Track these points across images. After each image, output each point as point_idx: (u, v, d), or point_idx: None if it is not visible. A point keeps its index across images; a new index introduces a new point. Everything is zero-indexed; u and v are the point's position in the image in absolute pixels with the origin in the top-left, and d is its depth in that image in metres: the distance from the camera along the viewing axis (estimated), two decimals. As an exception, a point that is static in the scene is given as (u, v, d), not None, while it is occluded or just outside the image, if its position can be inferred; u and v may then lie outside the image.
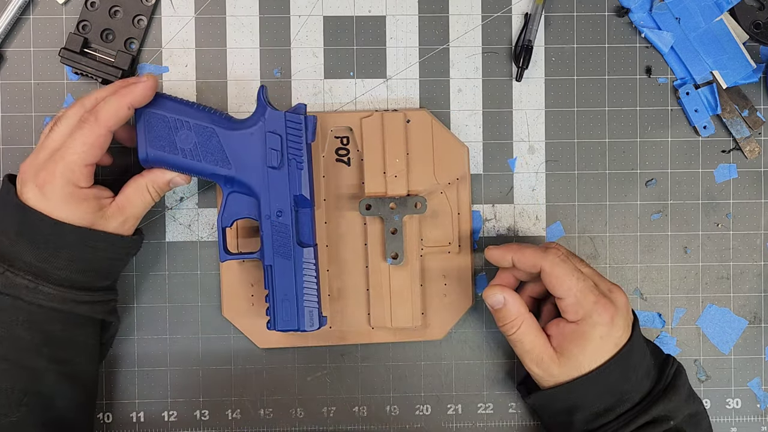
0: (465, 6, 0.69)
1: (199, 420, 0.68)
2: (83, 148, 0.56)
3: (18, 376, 0.56)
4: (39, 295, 0.56)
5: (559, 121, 0.69)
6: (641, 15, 0.68)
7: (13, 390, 0.56)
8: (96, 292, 0.59)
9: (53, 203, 0.56)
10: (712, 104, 0.69)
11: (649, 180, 0.70)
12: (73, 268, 0.57)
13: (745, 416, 0.70)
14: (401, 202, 0.65)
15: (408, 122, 0.66)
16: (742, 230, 0.70)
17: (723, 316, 0.70)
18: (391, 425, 0.69)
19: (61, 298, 0.57)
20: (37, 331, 0.57)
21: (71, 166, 0.56)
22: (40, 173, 0.57)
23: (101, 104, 0.57)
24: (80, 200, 0.57)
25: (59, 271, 0.57)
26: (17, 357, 0.56)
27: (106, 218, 0.58)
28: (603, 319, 0.59)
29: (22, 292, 0.56)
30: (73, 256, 0.57)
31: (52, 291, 0.56)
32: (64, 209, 0.56)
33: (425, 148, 0.66)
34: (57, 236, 0.56)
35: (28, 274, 0.56)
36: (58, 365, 0.58)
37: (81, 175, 0.57)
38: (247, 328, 0.67)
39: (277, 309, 0.61)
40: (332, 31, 0.68)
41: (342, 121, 0.66)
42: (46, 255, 0.56)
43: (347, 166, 0.67)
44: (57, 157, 0.56)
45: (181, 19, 0.68)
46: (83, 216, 0.57)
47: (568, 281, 0.59)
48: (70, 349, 0.59)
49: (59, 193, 0.56)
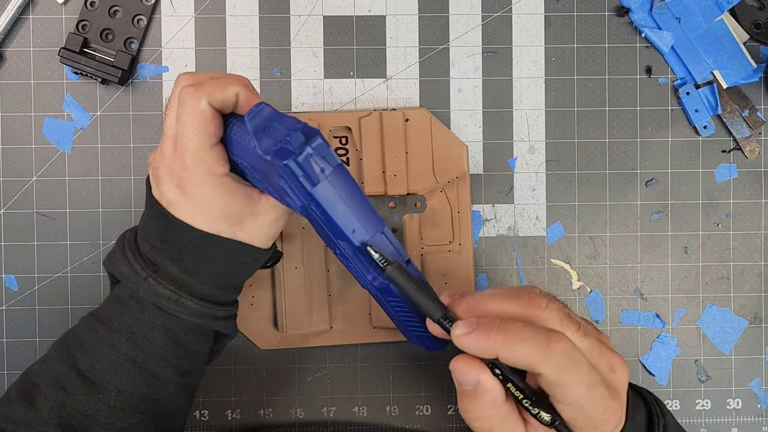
0: (465, 6, 0.68)
1: (199, 420, 0.68)
2: (194, 130, 0.49)
3: (142, 381, 0.52)
4: (180, 307, 0.52)
5: (559, 121, 0.69)
6: (641, 15, 0.68)
7: (133, 395, 0.52)
8: (228, 307, 0.55)
9: (197, 201, 0.50)
10: (713, 104, 0.69)
11: (649, 180, 0.69)
12: (216, 284, 0.53)
13: (746, 416, 0.70)
14: (401, 201, 0.65)
15: (407, 121, 0.66)
16: (742, 230, 0.70)
17: (723, 316, 0.70)
18: (391, 425, 0.69)
19: (201, 312, 0.52)
20: (172, 340, 0.52)
21: (197, 152, 0.49)
22: (174, 169, 0.50)
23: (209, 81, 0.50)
24: (227, 191, 0.50)
25: (202, 286, 0.52)
26: (146, 361, 0.52)
27: (256, 215, 0.51)
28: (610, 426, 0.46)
29: (163, 302, 0.51)
30: (217, 271, 0.52)
31: (194, 305, 0.52)
32: (213, 205, 0.50)
33: (424, 147, 0.66)
34: (203, 249, 0.51)
35: (171, 284, 0.51)
36: (180, 376, 0.54)
37: (213, 161, 0.49)
38: (248, 329, 0.67)
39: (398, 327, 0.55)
40: (332, 30, 0.68)
41: (341, 120, 0.66)
42: (190, 267, 0.52)
43: (347, 165, 0.67)
44: (179, 148, 0.49)
45: (180, 18, 0.68)
46: (235, 211, 0.51)
47: (576, 391, 0.44)
48: (194, 361, 0.55)
49: (202, 188, 0.50)
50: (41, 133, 0.67)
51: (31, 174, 0.67)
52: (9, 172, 0.67)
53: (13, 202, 0.67)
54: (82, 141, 0.67)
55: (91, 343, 0.52)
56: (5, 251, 0.67)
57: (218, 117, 0.50)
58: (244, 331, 0.67)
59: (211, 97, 0.49)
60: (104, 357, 0.52)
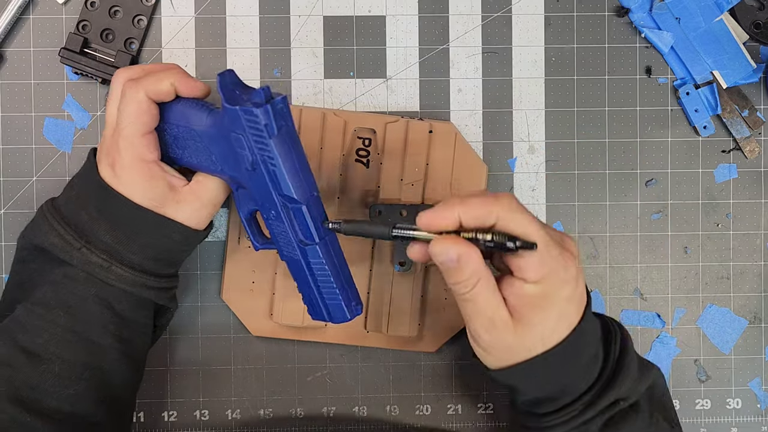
0: (465, 6, 0.69)
1: (199, 420, 0.68)
2: (130, 118, 0.55)
3: (83, 349, 0.56)
4: (111, 275, 0.56)
5: (559, 121, 0.69)
6: (641, 15, 0.68)
7: (76, 363, 0.56)
8: (162, 278, 0.59)
9: (124, 181, 0.56)
10: (712, 104, 0.69)
11: (649, 180, 0.70)
12: (146, 255, 0.57)
13: (746, 416, 0.70)
14: (412, 210, 0.65)
15: (430, 132, 0.66)
16: (742, 230, 0.70)
17: (723, 316, 0.70)
18: (391, 425, 0.69)
19: (132, 280, 0.57)
20: (106, 308, 0.57)
21: (130, 138, 0.55)
22: (110, 151, 0.56)
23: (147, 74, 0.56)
24: (150, 177, 0.56)
25: (132, 255, 0.57)
26: (85, 330, 0.56)
27: (179, 202, 0.57)
28: (569, 274, 0.51)
29: (95, 270, 0.56)
30: (147, 242, 0.57)
31: (124, 273, 0.56)
32: (137, 187, 0.56)
33: (445, 161, 0.66)
34: (136, 220, 0.56)
35: (103, 253, 0.56)
36: (121, 344, 0.58)
37: (142, 147, 0.55)
38: (243, 313, 0.67)
39: (306, 302, 0.59)
40: (332, 31, 0.68)
41: (367, 122, 0.66)
42: (122, 237, 0.56)
43: (365, 167, 0.67)
44: (116, 134, 0.56)
45: (181, 19, 0.68)
46: (155, 195, 0.56)
47: (530, 228, 0.50)
48: (132, 329, 0.59)
49: (129, 171, 0.55)
50: (41, 133, 0.67)
51: (31, 174, 0.67)
52: (9, 172, 0.67)
53: (13, 202, 0.67)
54: (82, 141, 0.67)
55: (31, 323, 0.56)
56: (5, 251, 0.67)
57: (154, 108, 0.56)
58: (238, 314, 0.67)
59: (148, 89, 0.55)
60: (45, 332, 0.56)
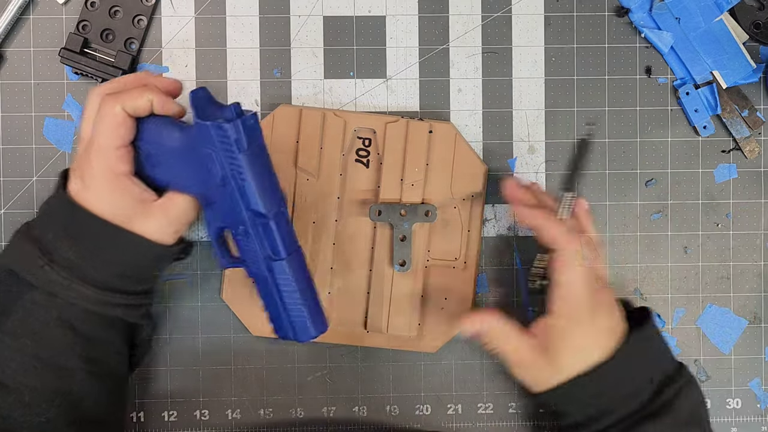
0: (465, 6, 0.69)
1: (199, 420, 0.68)
2: (106, 130, 0.55)
3: (52, 375, 0.56)
4: (72, 293, 0.55)
5: (559, 121, 0.69)
6: (641, 15, 0.68)
7: (45, 390, 0.55)
8: (130, 296, 0.58)
9: (93, 192, 0.55)
10: (712, 104, 0.69)
11: (649, 180, 0.70)
12: (110, 271, 0.56)
13: (746, 416, 0.70)
14: (411, 209, 0.65)
15: (430, 132, 0.66)
16: (742, 230, 0.70)
17: (723, 316, 0.70)
18: (391, 425, 0.69)
19: (95, 299, 0.56)
20: (69, 329, 0.56)
21: (103, 151, 0.55)
22: (81, 163, 0.56)
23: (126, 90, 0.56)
24: (120, 190, 0.56)
25: (96, 272, 0.56)
26: (50, 356, 0.55)
27: (147, 216, 0.56)
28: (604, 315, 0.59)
29: (56, 289, 0.55)
30: (111, 258, 0.56)
31: (86, 290, 0.55)
32: (105, 198, 0.55)
33: (445, 161, 0.66)
34: (99, 235, 0.55)
35: (63, 270, 0.55)
36: (89, 365, 0.57)
37: (115, 159, 0.55)
38: (243, 313, 0.67)
39: (271, 319, 0.60)
40: (332, 31, 0.68)
41: (367, 122, 0.66)
42: (84, 253, 0.55)
43: (365, 168, 0.67)
44: (89, 146, 0.56)
45: (181, 19, 0.68)
46: (123, 207, 0.56)
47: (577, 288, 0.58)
48: (101, 349, 0.58)
49: (98, 181, 0.55)
50: (41, 133, 0.67)
51: (31, 174, 0.67)
52: (9, 172, 0.67)
53: (13, 202, 0.67)
54: (82, 141, 0.67)
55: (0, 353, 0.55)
56: (5, 251, 0.67)
57: (130, 121, 0.55)
58: (238, 314, 0.67)
59: (125, 104, 0.55)
60: (12, 361, 0.55)
